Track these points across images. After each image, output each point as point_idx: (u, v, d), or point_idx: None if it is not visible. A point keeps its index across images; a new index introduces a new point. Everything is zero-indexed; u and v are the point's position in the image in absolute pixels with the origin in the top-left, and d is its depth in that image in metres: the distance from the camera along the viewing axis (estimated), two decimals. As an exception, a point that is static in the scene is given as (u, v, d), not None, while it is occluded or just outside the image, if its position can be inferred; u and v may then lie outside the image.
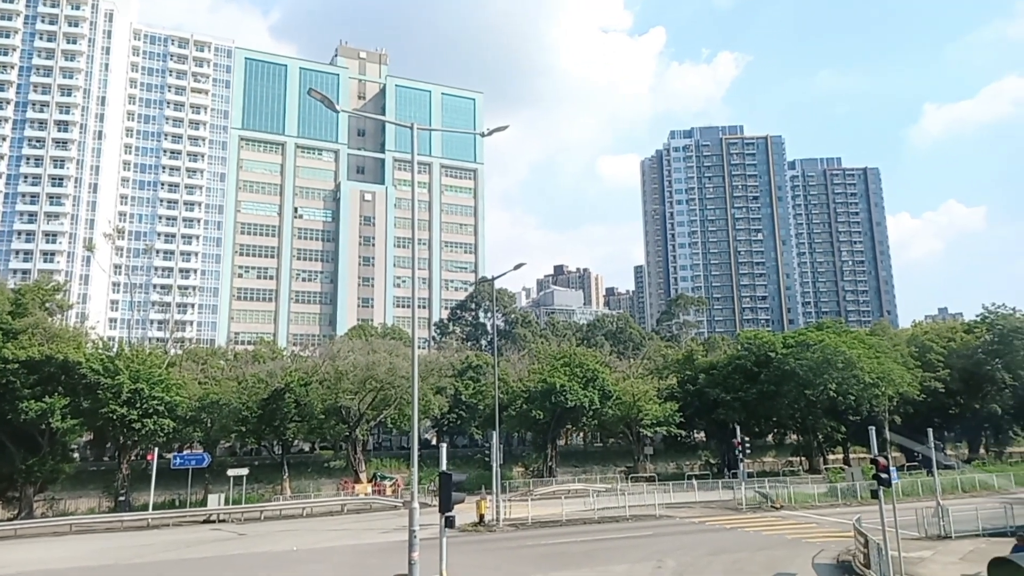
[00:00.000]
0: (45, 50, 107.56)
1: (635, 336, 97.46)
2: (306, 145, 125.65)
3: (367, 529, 35.58)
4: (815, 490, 42.60)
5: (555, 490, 49.58)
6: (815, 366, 54.91)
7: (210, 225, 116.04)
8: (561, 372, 56.45)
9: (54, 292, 55.03)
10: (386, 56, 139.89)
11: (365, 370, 50.28)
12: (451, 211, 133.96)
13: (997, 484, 44.35)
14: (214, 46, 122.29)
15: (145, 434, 44.04)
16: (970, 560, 22.57)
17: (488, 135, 21.58)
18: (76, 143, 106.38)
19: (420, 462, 24.55)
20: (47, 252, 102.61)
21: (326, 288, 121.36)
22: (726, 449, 57.75)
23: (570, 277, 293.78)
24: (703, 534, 30.88)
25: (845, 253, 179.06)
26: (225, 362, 64.94)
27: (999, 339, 63.15)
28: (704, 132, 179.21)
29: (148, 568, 25.85)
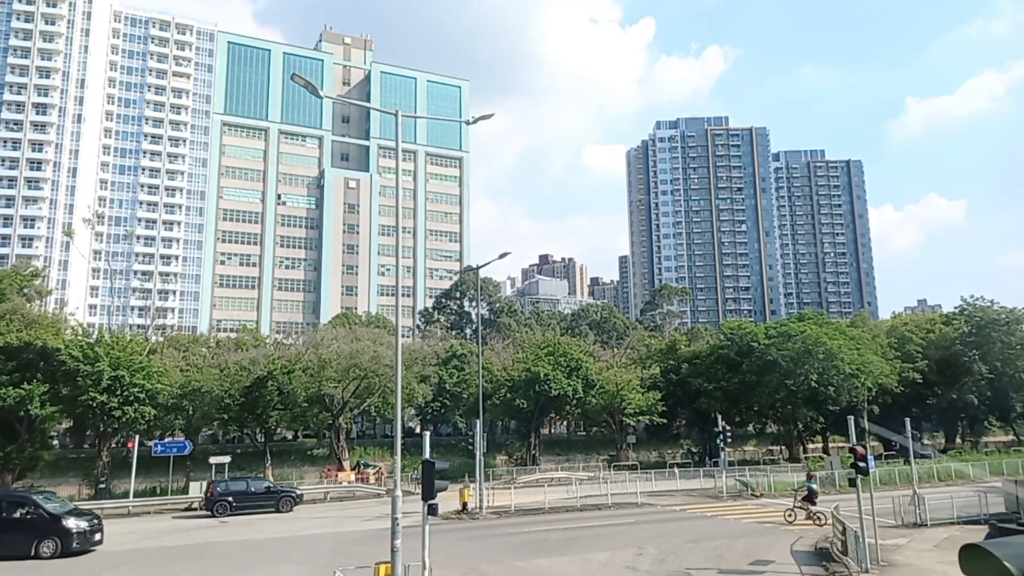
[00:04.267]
0: (23, 31, 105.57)
1: (619, 326, 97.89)
2: (290, 131, 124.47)
3: (350, 517, 35.58)
4: (795, 478, 43.08)
5: (538, 478, 49.81)
6: (796, 357, 55.46)
7: (192, 211, 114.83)
8: (545, 361, 56.61)
9: (32, 278, 54.35)
10: (371, 42, 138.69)
11: (349, 358, 50.12)
12: (436, 199, 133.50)
13: (972, 473, 45.10)
14: (196, 29, 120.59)
15: (126, 421, 43.64)
16: (944, 547, 22.99)
17: (473, 123, 21.46)
18: (55, 126, 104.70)
19: (404, 450, 24.58)
20: (25, 237, 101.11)
21: (309, 276, 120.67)
22: (708, 438, 58.23)
23: (555, 267, 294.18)
24: (684, 522, 31.18)
25: (827, 245, 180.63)
26: (207, 349, 64.46)
27: (976, 331, 64.12)
28: (689, 123, 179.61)
29: (129, 556, 25.71)
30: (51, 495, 28.45)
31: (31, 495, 26.76)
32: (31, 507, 25.17)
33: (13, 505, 25.57)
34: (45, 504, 25.35)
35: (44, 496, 26.94)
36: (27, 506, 25.29)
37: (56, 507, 25.80)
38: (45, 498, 26.42)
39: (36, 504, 25.25)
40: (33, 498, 25.92)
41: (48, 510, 25.03)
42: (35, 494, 27.29)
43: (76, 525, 24.87)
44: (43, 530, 24.43)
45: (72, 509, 26.81)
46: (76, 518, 25.43)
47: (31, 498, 25.98)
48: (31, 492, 28.89)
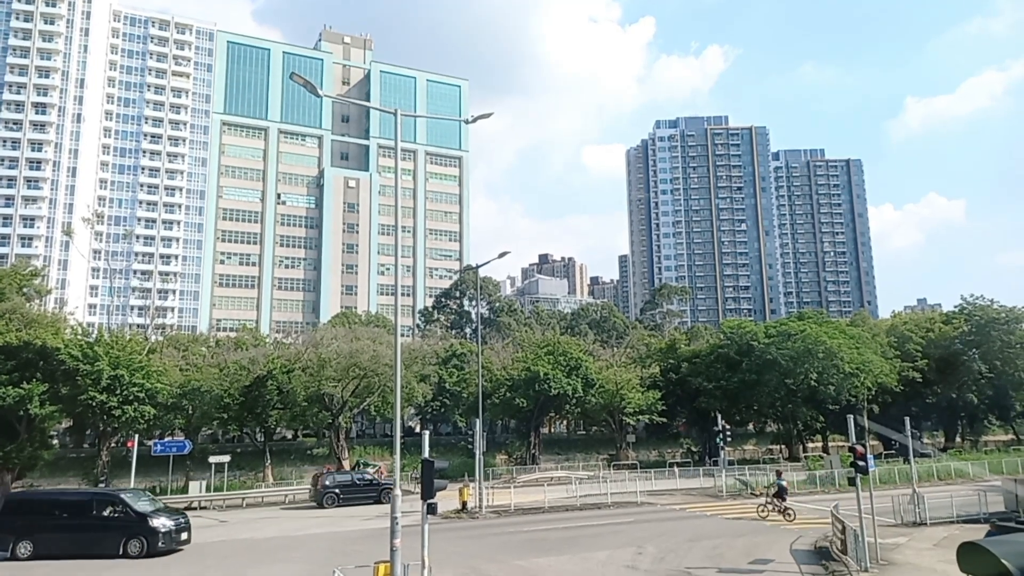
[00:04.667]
0: (22, 31, 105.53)
1: (619, 325, 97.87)
2: (289, 131, 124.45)
3: (349, 516, 35.57)
4: (794, 477, 43.05)
5: (538, 477, 49.82)
6: (796, 356, 55.47)
7: (191, 210, 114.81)
8: (545, 360, 56.60)
9: (32, 277, 54.25)
10: (371, 42, 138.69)
11: (348, 358, 50.11)
12: (436, 199, 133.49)
13: (972, 472, 45.10)
14: (196, 29, 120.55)
15: (125, 421, 43.62)
16: (944, 546, 22.98)
17: (472, 122, 21.43)
18: (54, 126, 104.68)
19: (403, 450, 24.57)
20: (25, 236, 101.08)
21: (309, 275, 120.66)
22: (707, 437, 58.24)
23: (555, 266, 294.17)
24: (684, 521, 31.18)
25: (827, 244, 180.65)
26: (207, 349, 64.43)
27: (976, 330, 64.12)
28: (689, 122, 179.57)
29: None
30: (140, 493, 28.15)
31: (119, 493, 26.46)
32: (119, 505, 25.01)
33: (103, 503, 25.44)
34: (133, 502, 25.20)
35: (133, 494, 26.75)
36: (115, 504, 25.13)
37: (144, 506, 25.59)
38: (134, 496, 26.26)
39: (124, 502, 25.08)
40: (121, 496, 25.70)
41: (135, 508, 24.84)
42: (124, 492, 27.04)
43: (162, 524, 24.71)
44: (131, 529, 24.31)
45: (160, 508, 26.61)
46: (162, 517, 25.20)
47: (119, 496, 25.76)
48: (120, 490, 28.61)
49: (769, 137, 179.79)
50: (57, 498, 27.97)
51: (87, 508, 25.28)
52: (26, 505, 26.54)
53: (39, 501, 27.36)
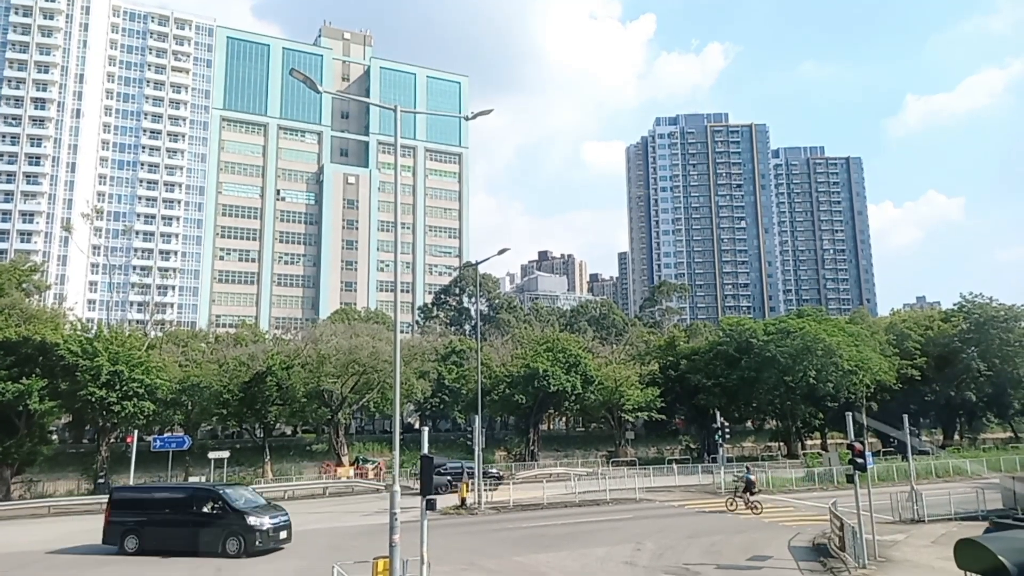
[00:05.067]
0: (21, 25, 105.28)
1: (618, 322, 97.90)
2: (289, 127, 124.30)
3: (349, 512, 35.63)
4: (793, 475, 43.20)
5: (537, 474, 49.92)
6: (795, 353, 55.53)
7: (191, 206, 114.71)
8: (544, 357, 56.65)
9: (31, 273, 54.36)
10: (371, 37, 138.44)
11: (347, 354, 50.15)
12: (435, 195, 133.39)
13: (970, 470, 45.19)
14: (195, 24, 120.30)
15: (125, 416, 43.67)
16: (942, 543, 23.04)
17: (472, 118, 21.44)
18: (53, 121, 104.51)
19: (402, 446, 24.56)
20: (24, 232, 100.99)
21: (309, 271, 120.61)
22: (706, 434, 58.32)
23: (554, 263, 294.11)
24: (682, 517, 31.23)
25: (827, 241, 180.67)
26: (206, 345, 64.50)
27: (975, 328, 64.17)
28: (689, 119, 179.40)
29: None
30: (241, 488, 27.04)
31: (218, 488, 25.20)
32: (217, 501, 23.96)
33: (202, 499, 24.44)
34: (231, 499, 24.13)
35: (232, 489, 25.57)
36: (214, 500, 24.07)
37: (243, 502, 24.38)
38: (233, 492, 25.14)
39: (222, 498, 24.00)
40: (219, 492, 24.51)
41: (232, 505, 23.80)
42: (223, 487, 25.78)
43: (259, 522, 23.33)
44: (229, 527, 23.29)
45: (260, 504, 25.19)
46: (260, 515, 23.78)
47: (217, 492, 24.60)
48: (218, 485, 27.45)
49: (769, 134, 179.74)
50: (159, 493, 27.32)
51: (188, 504, 24.44)
52: (132, 499, 26.02)
53: (143, 495, 26.91)
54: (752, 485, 31.92)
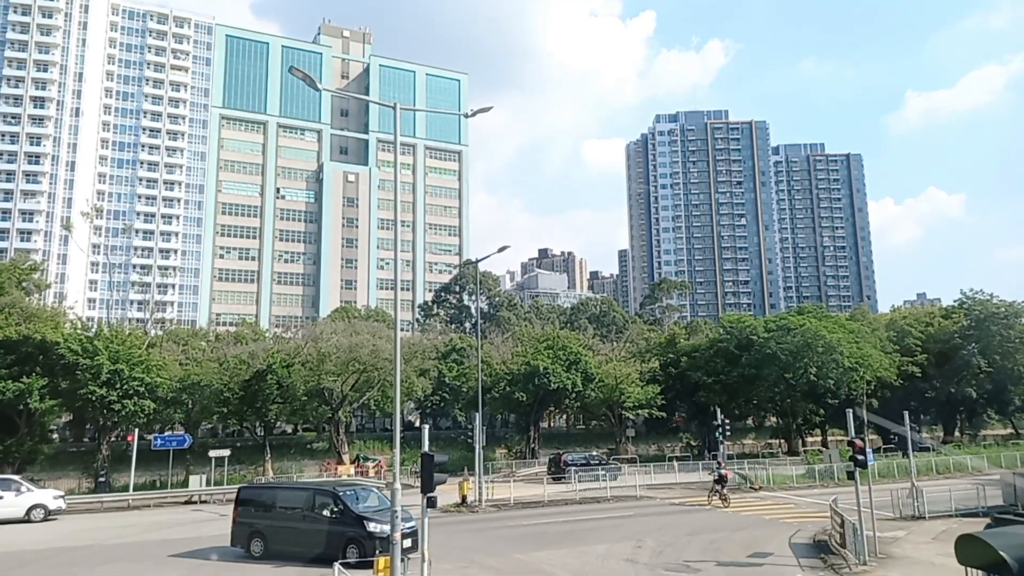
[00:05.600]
0: (20, 24, 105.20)
1: (618, 319, 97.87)
2: (288, 125, 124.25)
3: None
4: (793, 471, 43.20)
5: (537, 471, 49.89)
6: (796, 350, 55.49)
7: (190, 205, 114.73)
8: (544, 355, 56.62)
9: (31, 271, 54.33)
10: (370, 35, 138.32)
11: (348, 352, 50.09)
12: (435, 193, 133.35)
13: (971, 466, 45.21)
14: (194, 22, 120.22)
15: (125, 415, 43.65)
16: (942, 539, 23.04)
17: (472, 116, 21.40)
18: (52, 120, 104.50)
19: (403, 444, 24.53)
20: (23, 231, 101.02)
21: (309, 270, 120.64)
22: (707, 431, 58.36)
23: (554, 260, 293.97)
24: (683, 515, 31.24)
25: (827, 238, 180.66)
26: (206, 343, 64.45)
27: (975, 324, 64.13)
28: (689, 116, 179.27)
29: (128, 549, 25.75)
30: (363, 489, 23.62)
31: (336, 489, 22.53)
32: (337, 504, 21.56)
33: (323, 500, 22.06)
34: (350, 500, 21.66)
35: (353, 491, 22.72)
36: (334, 502, 21.69)
37: (365, 505, 21.82)
38: (353, 494, 22.35)
39: (341, 500, 21.60)
40: (339, 494, 21.97)
41: (351, 508, 21.31)
42: (344, 488, 22.99)
43: (380, 529, 20.13)
44: (349, 532, 20.94)
45: (385, 509, 21.39)
46: (383, 520, 20.41)
47: (335, 492, 22.09)
48: (337, 486, 24.10)
49: (769, 131, 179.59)
50: (283, 492, 25.10)
51: (309, 505, 22.29)
52: (257, 499, 24.07)
53: (267, 494, 24.73)
54: (723, 479, 33.44)
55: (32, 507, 33.67)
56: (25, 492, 34.06)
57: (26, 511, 33.41)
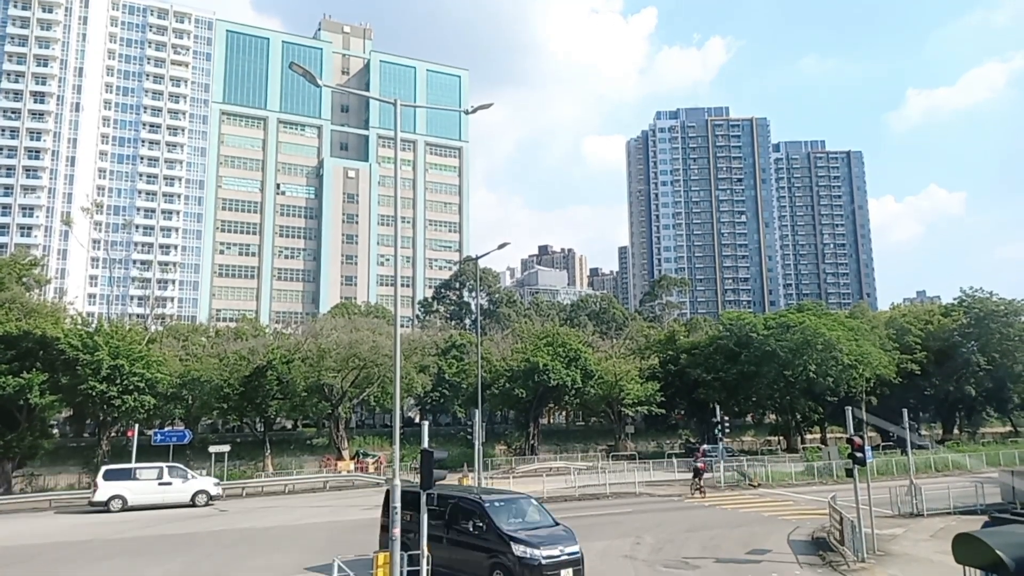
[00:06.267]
0: (20, 18, 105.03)
1: (618, 316, 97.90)
2: (289, 120, 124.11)
3: (349, 506, 35.72)
4: (792, 469, 43.27)
5: (537, 468, 49.96)
6: (795, 347, 55.52)
7: (191, 200, 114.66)
8: (544, 351, 56.64)
9: (31, 267, 54.30)
10: (370, 31, 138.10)
11: (348, 348, 50.16)
12: (435, 189, 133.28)
13: (969, 464, 45.27)
14: (194, 18, 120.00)
15: (125, 411, 43.72)
16: (940, 537, 23.10)
17: (472, 112, 21.41)
18: (53, 115, 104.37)
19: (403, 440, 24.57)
20: (24, 226, 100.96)
21: (309, 266, 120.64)
22: (706, 428, 58.44)
23: (555, 257, 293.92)
24: (682, 511, 31.31)
25: (827, 236, 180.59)
26: (206, 339, 64.53)
27: (975, 322, 64.16)
28: (690, 113, 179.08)
29: (128, 544, 25.83)
30: (519, 501, 19.17)
31: (483, 500, 18.21)
32: (483, 518, 17.54)
33: (468, 510, 18.18)
34: (496, 514, 17.55)
35: (503, 503, 18.52)
36: (479, 515, 17.68)
37: (515, 522, 17.68)
38: (503, 506, 18.29)
39: (486, 514, 17.53)
40: (484, 505, 17.82)
41: (498, 525, 17.20)
42: (492, 499, 18.62)
43: (530, 554, 16.40)
44: (493, 553, 16.98)
45: (540, 527, 17.91)
46: (534, 544, 16.74)
47: (482, 504, 17.86)
48: (485, 494, 19.48)
49: (770, 129, 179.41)
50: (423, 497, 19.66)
51: (453, 514, 18.45)
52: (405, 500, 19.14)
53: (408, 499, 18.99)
54: (700, 472, 35.86)
55: (196, 492, 36.85)
56: (191, 479, 37.29)
57: (191, 496, 36.60)
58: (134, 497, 35.28)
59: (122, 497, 35.07)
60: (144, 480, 36.04)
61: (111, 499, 34.86)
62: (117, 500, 34.94)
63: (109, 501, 34.78)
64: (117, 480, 35.51)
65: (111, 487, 35.10)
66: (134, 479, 35.89)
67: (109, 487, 35.07)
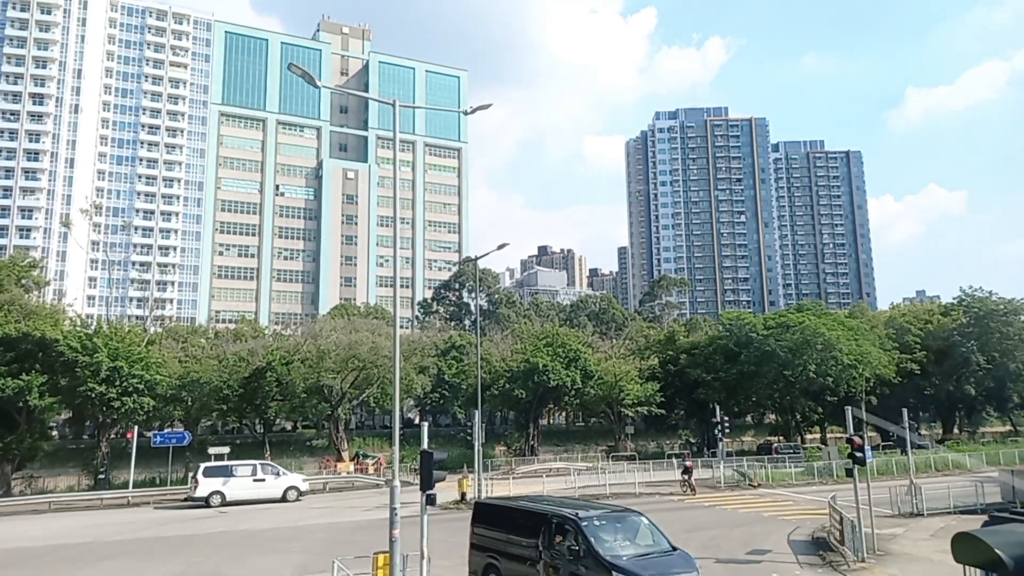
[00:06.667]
0: (18, 20, 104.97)
1: (618, 317, 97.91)
2: (288, 122, 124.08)
3: (349, 507, 35.71)
4: (792, 469, 43.27)
5: (537, 469, 49.95)
6: (795, 347, 55.53)
7: (190, 202, 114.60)
8: (544, 352, 56.62)
9: (30, 268, 54.32)
10: (369, 32, 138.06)
11: (347, 349, 50.13)
12: (435, 190, 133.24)
13: (969, 463, 45.28)
14: (193, 19, 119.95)
15: (125, 412, 43.69)
16: (940, 536, 23.10)
17: (471, 113, 21.42)
18: (52, 117, 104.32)
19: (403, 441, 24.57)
20: (23, 228, 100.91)
21: (308, 267, 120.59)
22: (706, 428, 58.44)
23: (554, 258, 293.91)
24: (682, 511, 31.30)
25: (826, 236, 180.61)
26: (206, 340, 64.48)
27: (975, 322, 64.15)
28: (689, 113, 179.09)
29: (127, 545, 25.81)
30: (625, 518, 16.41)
31: (580, 518, 15.45)
32: (578, 537, 15.05)
33: (561, 529, 15.73)
34: (596, 534, 14.95)
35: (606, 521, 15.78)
36: (575, 533, 15.21)
37: (618, 545, 14.97)
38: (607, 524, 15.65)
39: (582, 533, 15.00)
40: (581, 523, 15.27)
41: (595, 547, 14.56)
42: (591, 513, 15.89)
43: None
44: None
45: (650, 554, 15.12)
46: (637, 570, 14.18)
47: (578, 522, 15.35)
48: (583, 510, 16.37)
49: (769, 128, 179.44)
50: (515, 512, 18.31)
51: (546, 531, 16.00)
52: (490, 518, 18.57)
53: (499, 513, 18.71)
54: (689, 471, 37.66)
55: (288, 488, 38.67)
56: (282, 476, 39.24)
57: (283, 492, 38.40)
58: (231, 493, 37.06)
59: (221, 493, 36.86)
60: (240, 477, 37.82)
61: (211, 495, 36.68)
62: (216, 496, 36.72)
63: (209, 496, 36.62)
64: (216, 477, 37.35)
65: (211, 484, 36.92)
66: (231, 476, 37.78)
67: (209, 484, 36.89)
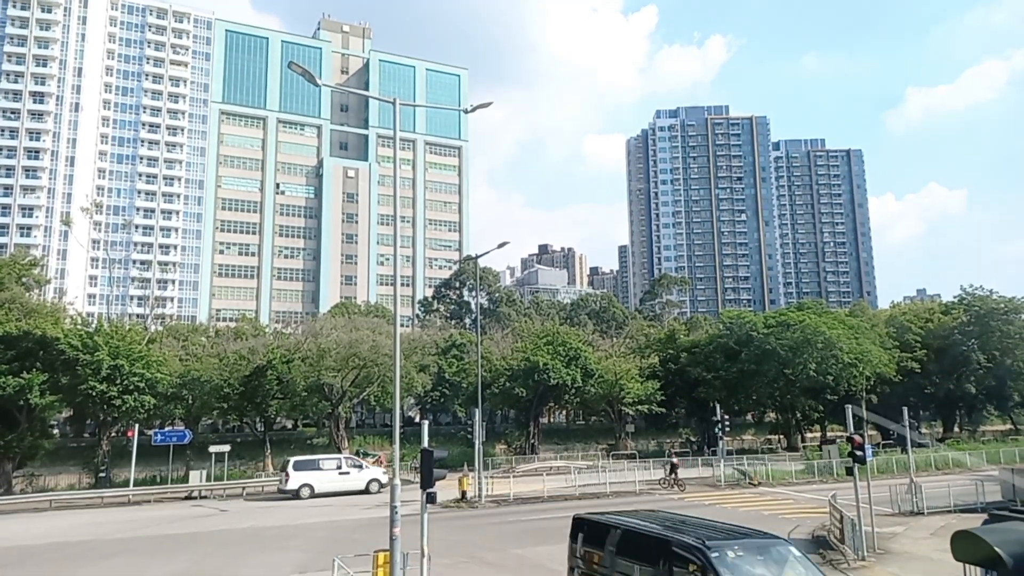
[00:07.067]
0: (19, 19, 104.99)
1: (618, 315, 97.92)
2: (288, 120, 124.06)
3: (349, 505, 35.73)
4: (792, 467, 43.29)
5: (537, 467, 49.95)
6: (795, 346, 55.52)
7: (190, 200, 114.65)
8: (544, 350, 56.62)
9: (31, 267, 54.31)
10: (370, 30, 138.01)
11: (348, 348, 50.16)
12: (435, 189, 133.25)
13: (969, 462, 45.27)
14: (193, 17, 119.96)
15: (125, 411, 43.70)
16: (940, 535, 23.11)
17: (471, 111, 21.40)
18: (52, 115, 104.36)
19: (403, 439, 24.60)
20: (23, 226, 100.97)
21: (309, 265, 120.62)
22: (706, 427, 58.42)
23: (555, 256, 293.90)
24: (682, 510, 31.21)
25: (827, 234, 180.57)
26: (206, 339, 64.49)
27: (975, 320, 64.12)
28: (690, 112, 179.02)
29: (128, 543, 25.84)
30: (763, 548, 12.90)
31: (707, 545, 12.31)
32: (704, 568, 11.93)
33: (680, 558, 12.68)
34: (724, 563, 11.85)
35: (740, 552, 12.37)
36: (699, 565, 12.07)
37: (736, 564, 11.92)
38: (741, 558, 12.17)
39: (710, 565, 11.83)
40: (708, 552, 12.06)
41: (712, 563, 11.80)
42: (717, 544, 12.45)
43: None
44: None
45: None
46: None
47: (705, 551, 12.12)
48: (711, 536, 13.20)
49: (769, 127, 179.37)
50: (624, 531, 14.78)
51: (659, 560, 13.12)
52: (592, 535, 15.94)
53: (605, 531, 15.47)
54: (676, 468, 38.70)
55: (370, 481, 40.36)
56: (365, 469, 41.17)
57: (366, 484, 40.08)
58: (320, 485, 38.50)
59: (310, 485, 38.28)
60: (327, 470, 39.42)
61: (301, 487, 38.07)
62: (306, 488, 38.12)
63: (300, 489, 37.98)
64: (305, 471, 38.77)
65: (300, 477, 38.30)
66: (318, 469, 39.26)
67: (299, 477, 38.25)
